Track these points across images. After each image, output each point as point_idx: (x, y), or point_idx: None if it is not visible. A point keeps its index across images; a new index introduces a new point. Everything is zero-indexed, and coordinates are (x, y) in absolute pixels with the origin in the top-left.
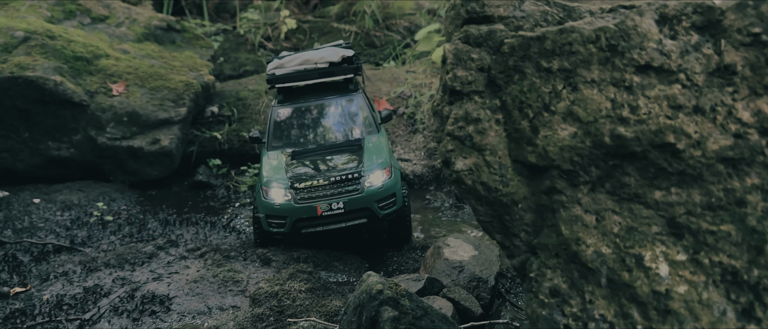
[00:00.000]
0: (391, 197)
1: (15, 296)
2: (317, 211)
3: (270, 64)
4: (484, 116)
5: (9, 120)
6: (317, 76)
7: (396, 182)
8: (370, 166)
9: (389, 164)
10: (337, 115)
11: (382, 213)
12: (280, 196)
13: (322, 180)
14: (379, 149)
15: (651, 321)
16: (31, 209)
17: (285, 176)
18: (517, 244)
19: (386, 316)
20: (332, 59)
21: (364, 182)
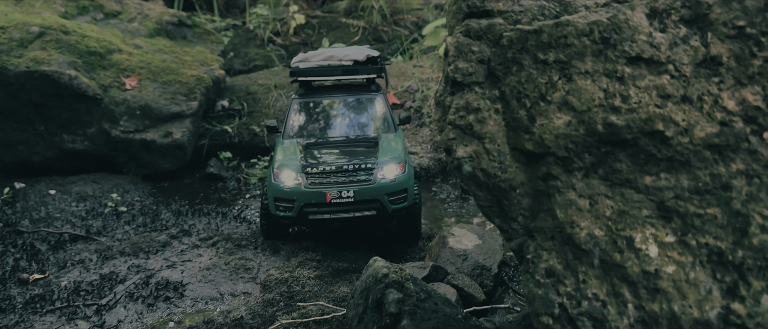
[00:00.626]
0: (402, 193)
1: (34, 282)
2: (326, 197)
3: (295, 57)
4: (484, 105)
5: (25, 114)
6: (340, 73)
7: (409, 179)
8: (384, 159)
9: (403, 160)
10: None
11: (392, 208)
12: (290, 179)
13: (335, 167)
14: (395, 146)
15: (641, 299)
16: (47, 200)
17: (298, 160)
18: (514, 227)
19: (391, 298)
20: (357, 58)
21: (376, 173)
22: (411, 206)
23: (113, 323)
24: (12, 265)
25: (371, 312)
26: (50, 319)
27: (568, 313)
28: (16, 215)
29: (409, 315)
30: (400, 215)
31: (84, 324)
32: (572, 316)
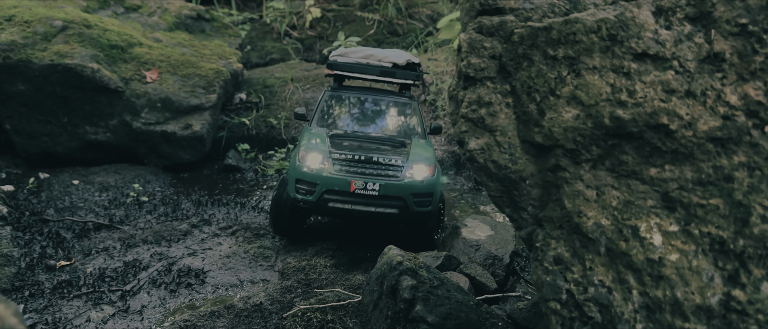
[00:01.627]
0: (428, 196)
1: (61, 269)
2: (351, 186)
3: (334, 51)
4: (496, 99)
5: (49, 106)
6: (377, 73)
7: (436, 184)
8: (415, 159)
9: (433, 164)
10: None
11: (416, 209)
12: (316, 162)
13: (364, 157)
14: (425, 149)
15: (645, 285)
16: (71, 190)
17: (326, 145)
18: (524, 217)
19: (405, 284)
20: (398, 61)
21: (405, 171)
22: (433, 212)
23: (137, 308)
24: (39, 252)
25: (386, 298)
26: (77, 304)
27: (575, 299)
28: (42, 204)
29: (422, 301)
30: (422, 218)
31: (109, 309)
32: (579, 302)
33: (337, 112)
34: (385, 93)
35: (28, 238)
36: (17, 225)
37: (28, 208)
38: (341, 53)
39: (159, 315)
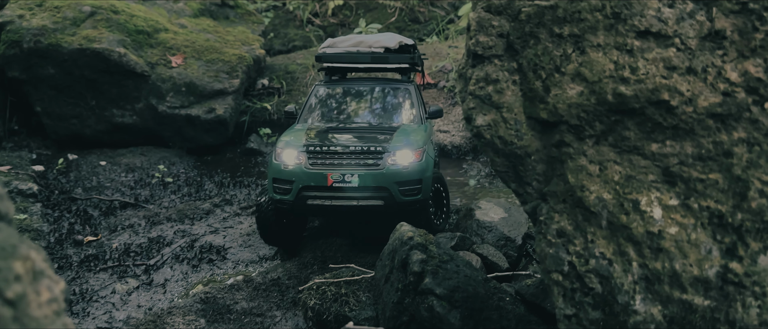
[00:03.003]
0: (416, 183)
1: (88, 244)
2: (327, 180)
3: (324, 43)
4: (503, 77)
5: (78, 89)
6: (369, 60)
7: (426, 169)
8: (398, 144)
9: (421, 148)
10: (381, 103)
11: (402, 199)
12: (291, 158)
13: (340, 148)
14: (414, 133)
15: (645, 258)
16: (98, 171)
17: (302, 140)
18: (529, 192)
19: (415, 258)
20: (389, 45)
21: (386, 158)
22: (423, 200)
23: (160, 281)
24: (67, 228)
25: (397, 272)
26: (103, 276)
27: (577, 270)
28: (70, 183)
29: (431, 274)
30: (411, 208)
31: (134, 282)
32: (580, 273)
33: (325, 106)
34: (379, 81)
35: (57, 215)
36: (47, 203)
37: (58, 187)
38: (329, 44)
39: (181, 289)
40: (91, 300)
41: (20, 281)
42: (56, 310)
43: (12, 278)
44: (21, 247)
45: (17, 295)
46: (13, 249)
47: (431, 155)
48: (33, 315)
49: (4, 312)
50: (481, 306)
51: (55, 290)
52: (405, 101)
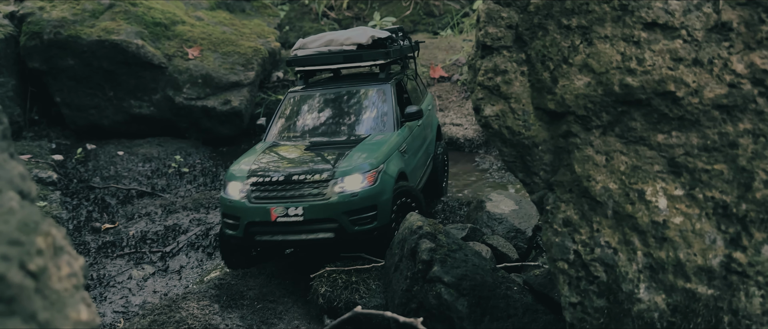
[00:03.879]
0: (368, 211)
1: (105, 231)
2: (271, 215)
3: (295, 44)
4: (511, 68)
5: (96, 80)
6: (341, 60)
7: (381, 192)
8: (349, 167)
9: (376, 168)
10: (352, 107)
11: (354, 229)
12: (236, 191)
13: (283, 177)
14: (376, 147)
15: (649, 247)
16: (116, 160)
17: (248, 168)
18: (536, 181)
19: (424, 247)
20: (360, 41)
21: (333, 186)
22: (384, 227)
23: (176, 268)
24: (86, 216)
25: (406, 260)
26: (120, 262)
27: (582, 259)
28: (89, 172)
29: (439, 262)
30: (368, 237)
31: (150, 268)
32: (586, 262)
33: (292, 117)
34: (354, 80)
35: (75, 203)
36: (66, 191)
37: (76, 176)
38: (300, 46)
39: (196, 275)
40: (108, 286)
41: (42, 255)
42: (75, 284)
43: (34, 252)
44: (43, 224)
45: (39, 268)
46: (35, 224)
47: (391, 172)
48: (53, 287)
49: (27, 283)
50: (489, 294)
51: (74, 265)
52: (380, 104)
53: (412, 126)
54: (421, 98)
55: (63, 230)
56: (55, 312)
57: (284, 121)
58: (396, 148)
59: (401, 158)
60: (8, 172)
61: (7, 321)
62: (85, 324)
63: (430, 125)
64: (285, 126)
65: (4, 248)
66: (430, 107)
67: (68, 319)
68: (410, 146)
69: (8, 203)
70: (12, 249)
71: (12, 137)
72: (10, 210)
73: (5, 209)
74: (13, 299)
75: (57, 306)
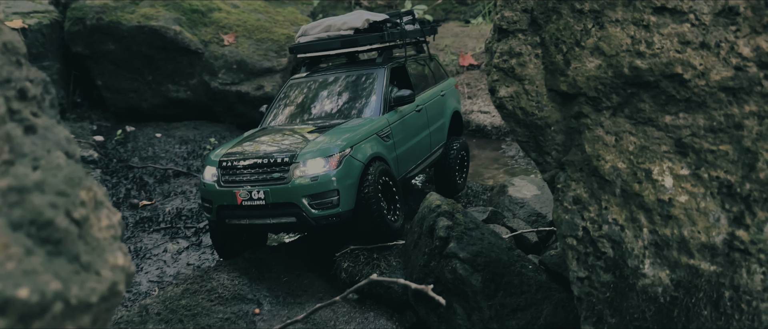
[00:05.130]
0: (329, 195)
1: (143, 207)
2: (237, 199)
3: (298, 31)
4: (526, 50)
5: (136, 64)
6: (339, 45)
7: (344, 177)
8: (311, 150)
9: (340, 151)
10: (342, 92)
11: (314, 214)
12: (209, 175)
13: (248, 161)
14: (348, 131)
15: (655, 224)
16: (154, 142)
17: (224, 151)
18: (548, 161)
19: (441, 225)
20: (356, 25)
21: (293, 169)
22: (347, 212)
23: (208, 243)
24: (124, 193)
25: (425, 237)
26: (156, 237)
27: (590, 235)
28: (128, 153)
29: (456, 240)
30: (330, 223)
31: (184, 242)
32: (594, 238)
33: (288, 104)
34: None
35: (115, 181)
36: (106, 170)
37: (116, 156)
38: (302, 32)
39: None
40: (144, 258)
41: (85, 206)
42: (113, 235)
43: (78, 202)
44: (86, 180)
45: (82, 217)
46: (79, 180)
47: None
48: (94, 235)
49: (72, 228)
50: (503, 271)
51: (112, 219)
52: (370, 89)
53: (405, 111)
54: (433, 84)
55: (104, 189)
56: (95, 256)
57: (280, 107)
58: (374, 132)
59: (380, 143)
60: (56, 135)
61: (54, 260)
62: (121, 269)
63: (439, 113)
64: (278, 112)
65: (53, 197)
66: (443, 92)
67: (107, 263)
68: (398, 130)
69: (56, 160)
70: (59, 198)
71: None
72: (58, 166)
73: (54, 165)
74: (59, 241)
75: (97, 251)
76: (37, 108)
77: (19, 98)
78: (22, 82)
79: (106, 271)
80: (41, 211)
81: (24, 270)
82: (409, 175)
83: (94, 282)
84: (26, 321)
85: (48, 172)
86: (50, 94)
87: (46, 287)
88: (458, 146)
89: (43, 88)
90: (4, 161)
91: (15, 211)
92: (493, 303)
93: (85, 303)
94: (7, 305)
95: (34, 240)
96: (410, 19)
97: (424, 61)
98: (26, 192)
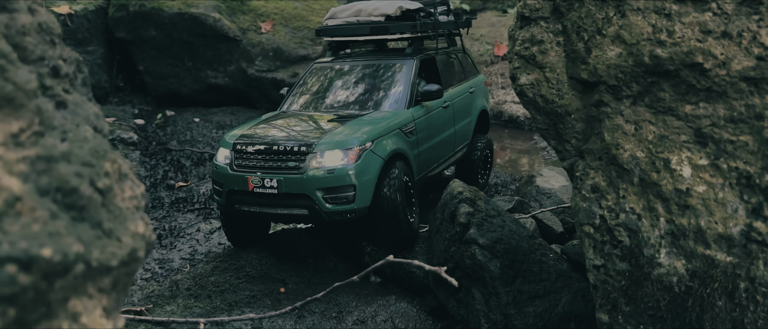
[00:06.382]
0: (345, 190)
1: (179, 188)
2: (248, 184)
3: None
4: (547, 38)
5: (176, 50)
6: (368, 32)
7: (362, 172)
8: (329, 141)
9: (361, 145)
10: (367, 82)
11: (328, 208)
12: (222, 157)
13: (262, 146)
14: (370, 124)
15: (672, 214)
16: (192, 126)
17: (239, 133)
18: (568, 149)
19: (462, 211)
20: (388, 12)
21: (310, 159)
22: (362, 209)
23: None
24: (162, 174)
25: (446, 223)
26: (190, 217)
27: (607, 224)
28: (167, 136)
29: (476, 226)
30: (343, 219)
31: (216, 223)
32: (610, 226)
33: (311, 89)
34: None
35: (153, 163)
36: (145, 152)
37: (155, 139)
38: (331, 15)
39: None
40: (178, 236)
41: (108, 177)
42: (136, 205)
43: (102, 173)
44: (111, 153)
45: (105, 187)
46: (104, 152)
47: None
48: (117, 204)
49: (95, 197)
50: (523, 258)
51: (136, 191)
52: (396, 81)
53: (431, 106)
54: (463, 79)
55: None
56: (117, 224)
57: (300, 92)
58: (397, 127)
59: (402, 139)
60: (86, 111)
61: (78, 225)
62: (142, 236)
63: (468, 112)
64: (299, 97)
65: (79, 167)
66: (472, 89)
67: (128, 230)
68: (424, 128)
69: (84, 134)
70: (84, 168)
71: (100, 102)
72: (85, 139)
73: (81, 138)
74: (83, 208)
75: (119, 219)
76: (69, 85)
77: (52, 75)
78: (56, 60)
79: (126, 238)
80: (67, 179)
81: (49, 232)
82: (428, 175)
83: (115, 247)
84: (49, 279)
85: (75, 144)
86: (83, 73)
87: (68, 248)
88: (483, 144)
89: (75, 67)
90: (34, 132)
91: (42, 178)
92: (510, 289)
93: (106, 266)
94: (31, 262)
95: (59, 206)
96: (445, 10)
97: (455, 55)
98: (54, 161)
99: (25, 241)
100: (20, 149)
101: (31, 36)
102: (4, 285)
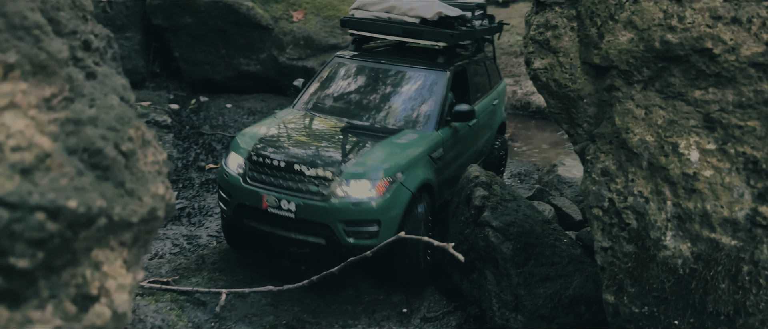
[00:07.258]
0: (369, 224)
1: (209, 170)
2: (262, 203)
3: (355, 2)
4: (561, 23)
5: (211, 38)
6: (399, 32)
7: (389, 207)
8: (356, 169)
9: (391, 176)
10: (395, 91)
11: (348, 241)
12: (234, 165)
13: (283, 163)
14: (401, 149)
15: (679, 197)
16: (224, 112)
17: (254, 142)
18: (579, 133)
19: (477, 194)
20: (425, 15)
21: (335, 186)
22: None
23: None
24: (193, 157)
25: (463, 206)
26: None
27: (616, 206)
28: (200, 121)
29: (490, 209)
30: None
31: None
32: (619, 209)
33: (331, 87)
34: (409, 59)
35: (185, 146)
36: (178, 135)
37: (188, 123)
38: (360, 5)
39: None
40: (206, 215)
41: (132, 141)
42: (158, 170)
43: (126, 138)
44: (135, 120)
45: (129, 150)
46: (129, 119)
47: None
48: (140, 168)
49: (119, 159)
50: (536, 242)
51: (158, 157)
52: (427, 95)
53: (461, 128)
54: (488, 90)
55: (153, 131)
56: (139, 185)
57: (319, 88)
58: (426, 153)
59: (430, 166)
60: (114, 82)
61: (102, 183)
62: (161, 197)
63: (490, 126)
64: (317, 95)
65: (104, 131)
66: (496, 101)
67: (148, 191)
68: (449, 152)
69: (111, 102)
70: (110, 132)
71: (136, 87)
72: (111, 106)
73: (108, 105)
74: (107, 168)
75: (141, 181)
76: (99, 59)
77: (84, 48)
78: (87, 34)
79: (147, 198)
80: (93, 141)
81: (75, 186)
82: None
83: (136, 205)
84: (74, 229)
85: (102, 110)
86: (112, 48)
87: (92, 202)
88: (499, 145)
89: (106, 42)
90: (65, 98)
91: (71, 139)
92: (522, 270)
93: (127, 221)
94: (58, 212)
95: (85, 165)
96: (481, 14)
97: (483, 63)
98: (81, 124)
99: (54, 193)
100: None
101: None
102: (33, 230)
